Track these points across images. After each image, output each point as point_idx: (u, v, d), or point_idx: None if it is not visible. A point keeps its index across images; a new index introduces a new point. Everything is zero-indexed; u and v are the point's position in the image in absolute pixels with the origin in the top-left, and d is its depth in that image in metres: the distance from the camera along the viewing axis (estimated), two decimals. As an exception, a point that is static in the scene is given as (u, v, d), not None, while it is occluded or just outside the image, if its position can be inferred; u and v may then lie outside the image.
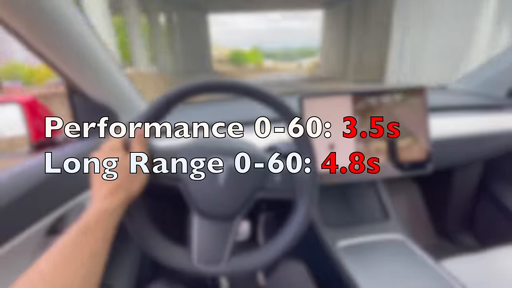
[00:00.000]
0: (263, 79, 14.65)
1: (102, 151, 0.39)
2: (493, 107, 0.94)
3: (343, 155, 0.68)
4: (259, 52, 54.80)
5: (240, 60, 39.94)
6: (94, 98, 0.66)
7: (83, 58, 0.58)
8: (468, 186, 1.08)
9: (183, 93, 0.43)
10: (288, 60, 51.23)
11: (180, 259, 0.44)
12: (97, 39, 0.63)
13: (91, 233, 0.32)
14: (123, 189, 0.38)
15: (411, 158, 0.71)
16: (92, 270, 0.32)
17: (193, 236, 0.44)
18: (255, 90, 0.43)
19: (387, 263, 0.61)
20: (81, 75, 0.60)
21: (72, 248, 0.30)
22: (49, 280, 0.27)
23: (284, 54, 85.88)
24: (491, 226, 1.06)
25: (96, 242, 0.32)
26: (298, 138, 0.45)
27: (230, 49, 49.00)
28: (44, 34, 0.49)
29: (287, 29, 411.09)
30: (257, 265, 0.44)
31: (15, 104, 0.59)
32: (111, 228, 0.36)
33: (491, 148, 0.90)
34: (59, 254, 0.30)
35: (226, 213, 0.44)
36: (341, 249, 0.66)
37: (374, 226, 0.73)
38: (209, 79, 0.43)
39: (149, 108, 0.42)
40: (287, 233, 0.45)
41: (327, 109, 0.67)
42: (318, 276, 0.61)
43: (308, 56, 52.05)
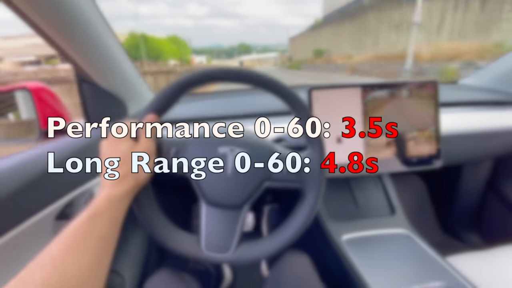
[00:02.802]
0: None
1: (110, 140, 0.40)
2: (505, 103, 0.92)
3: (350, 149, 0.67)
4: (182, 43, 43.77)
5: (152, 56, 23.60)
6: (103, 86, 0.66)
7: (94, 47, 0.59)
8: (476, 183, 1.06)
9: (191, 83, 0.42)
10: (226, 57, 47.96)
11: (189, 247, 0.44)
12: (108, 29, 0.63)
13: (100, 218, 0.33)
14: (132, 177, 0.38)
15: (420, 153, 0.70)
16: (102, 254, 0.32)
17: (202, 225, 0.45)
18: (273, 83, 0.42)
19: (392, 257, 0.61)
20: (91, 64, 0.60)
21: (82, 232, 0.31)
22: (59, 263, 0.28)
23: (220, 51, 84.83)
24: (498, 225, 1.04)
25: (105, 227, 0.33)
26: (308, 134, 0.45)
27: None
28: (57, 22, 0.49)
29: (215, 26, 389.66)
30: (264, 253, 0.44)
31: (26, 90, 0.59)
32: (120, 214, 0.36)
33: (502, 145, 0.88)
34: (69, 238, 0.30)
35: (234, 202, 0.44)
36: (346, 242, 0.66)
37: (379, 221, 0.73)
38: (221, 67, 0.42)
39: (157, 97, 0.42)
40: (294, 222, 0.45)
41: (336, 101, 0.66)
42: (322, 268, 0.61)
43: (245, 53, 50.21)
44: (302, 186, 0.45)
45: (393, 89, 0.67)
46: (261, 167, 0.45)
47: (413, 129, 0.69)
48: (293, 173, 0.45)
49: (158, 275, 0.55)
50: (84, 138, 0.59)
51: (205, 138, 0.46)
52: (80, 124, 0.68)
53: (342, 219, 0.74)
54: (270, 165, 0.45)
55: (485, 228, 1.09)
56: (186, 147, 0.45)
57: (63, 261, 0.28)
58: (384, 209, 0.77)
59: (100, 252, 0.32)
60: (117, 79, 0.69)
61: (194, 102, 0.98)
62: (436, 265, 0.58)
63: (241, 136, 0.46)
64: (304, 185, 0.45)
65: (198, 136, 0.46)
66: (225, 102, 1.02)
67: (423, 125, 0.69)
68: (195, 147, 0.45)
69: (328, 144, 0.66)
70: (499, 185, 1.03)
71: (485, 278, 0.58)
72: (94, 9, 0.57)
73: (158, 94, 0.43)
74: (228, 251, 0.44)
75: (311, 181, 0.45)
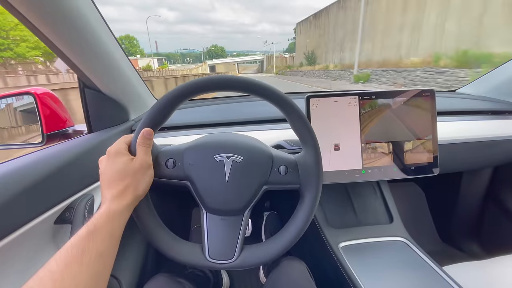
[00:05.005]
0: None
1: (108, 155, 0.41)
2: (503, 112, 0.93)
3: (348, 156, 0.68)
4: (134, 43, 36.96)
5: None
6: (105, 93, 0.67)
7: (97, 54, 0.60)
8: (475, 192, 1.06)
9: (190, 92, 0.42)
10: (194, 62, 44.46)
11: (194, 255, 0.44)
12: (110, 36, 0.64)
13: (98, 233, 0.33)
14: (130, 191, 0.39)
15: (417, 161, 0.70)
16: (100, 270, 0.32)
17: (204, 232, 0.45)
18: (261, 88, 0.43)
19: (389, 265, 0.61)
20: (94, 71, 0.62)
21: (81, 248, 0.31)
22: (58, 279, 0.28)
23: (191, 56, 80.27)
24: (497, 235, 1.04)
25: (102, 242, 0.33)
26: (302, 134, 0.45)
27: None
28: (61, 30, 0.51)
29: (187, 31, 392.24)
30: (268, 256, 0.45)
31: (31, 95, 0.60)
32: (118, 229, 0.37)
33: (500, 154, 0.88)
34: (68, 254, 0.31)
35: (235, 208, 0.45)
36: (343, 249, 0.66)
37: (377, 228, 0.73)
38: (213, 76, 0.43)
39: (152, 112, 0.43)
40: (295, 223, 0.45)
41: (334, 109, 0.67)
42: (319, 275, 0.61)
43: (219, 56, 48.35)
44: (300, 187, 0.46)
45: (390, 97, 0.68)
46: (259, 172, 0.45)
47: (411, 137, 0.70)
48: (290, 175, 0.46)
49: (155, 280, 0.55)
50: (85, 143, 0.60)
51: (201, 146, 0.47)
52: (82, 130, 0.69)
53: (339, 226, 0.74)
54: (268, 169, 0.46)
55: (484, 237, 1.09)
56: (183, 156, 0.45)
57: (62, 277, 0.28)
58: (382, 217, 0.77)
59: (98, 267, 0.32)
60: (119, 85, 0.70)
61: (191, 108, 0.99)
62: (433, 274, 0.58)
63: (237, 142, 0.47)
64: (302, 186, 0.46)
65: (194, 144, 0.47)
66: (222, 108, 1.03)
67: (421, 133, 0.70)
68: (191, 156, 0.45)
69: (325, 151, 0.67)
70: (498, 194, 1.03)
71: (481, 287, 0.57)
72: (98, 18, 0.59)
73: (152, 107, 0.43)
74: (233, 257, 0.44)
75: (308, 181, 0.45)
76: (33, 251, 0.45)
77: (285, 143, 0.70)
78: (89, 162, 0.57)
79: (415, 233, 0.72)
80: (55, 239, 0.50)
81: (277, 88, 0.44)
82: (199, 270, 0.82)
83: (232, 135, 0.51)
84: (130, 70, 0.74)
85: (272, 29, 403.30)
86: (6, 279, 0.40)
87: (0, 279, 0.40)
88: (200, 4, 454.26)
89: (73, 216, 0.50)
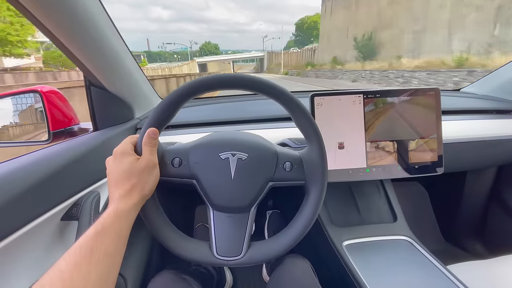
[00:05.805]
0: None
1: (114, 156, 0.41)
2: (508, 111, 0.92)
3: (352, 155, 0.68)
4: None
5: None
6: (111, 91, 0.68)
7: (103, 52, 0.60)
8: (479, 191, 1.06)
9: (193, 90, 0.42)
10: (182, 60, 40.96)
11: (201, 252, 0.45)
12: (117, 34, 0.65)
13: (106, 233, 0.34)
14: (137, 190, 0.39)
15: (421, 160, 0.70)
16: (108, 269, 0.33)
17: (211, 229, 0.45)
18: (266, 85, 0.43)
19: (393, 263, 0.61)
20: (100, 69, 0.62)
21: (88, 247, 0.32)
22: (67, 279, 0.29)
23: (183, 54, 74.81)
24: (501, 235, 1.03)
25: (111, 242, 0.34)
26: (306, 130, 0.46)
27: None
28: (68, 28, 0.51)
29: (182, 30, 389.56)
30: (274, 253, 0.45)
31: (38, 93, 0.61)
32: (125, 228, 0.37)
33: (505, 154, 0.88)
34: (77, 254, 0.31)
35: (241, 206, 0.45)
36: (347, 248, 0.66)
37: (381, 227, 0.73)
38: (217, 75, 0.43)
39: (156, 111, 0.43)
40: (301, 218, 0.46)
41: (338, 107, 0.67)
42: (322, 273, 0.61)
43: (213, 54, 45.94)
44: (305, 183, 0.46)
45: (395, 95, 0.68)
46: (264, 169, 0.45)
47: (415, 135, 0.70)
48: (295, 171, 0.46)
49: (161, 276, 0.55)
50: (91, 141, 0.61)
51: (207, 145, 0.47)
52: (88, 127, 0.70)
53: (343, 224, 0.74)
54: (273, 166, 0.46)
55: (487, 237, 1.08)
56: (188, 155, 0.46)
57: (71, 276, 0.29)
58: (386, 216, 0.77)
59: (106, 267, 0.33)
60: (124, 84, 0.71)
61: (197, 106, 0.99)
62: (437, 273, 0.58)
63: (241, 140, 0.47)
64: (308, 182, 0.46)
65: (199, 143, 0.47)
66: (227, 106, 1.03)
67: (425, 132, 0.70)
68: (197, 155, 0.46)
69: (330, 150, 0.67)
70: (502, 193, 1.03)
71: (486, 287, 0.57)
72: (104, 16, 0.59)
73: (157, 107, 0.43)
74: (240, 254, 0.44)
75: (314, 176, 0.45)
76: (41, 246, 0.46)
77: (289, 141, 0.70)
78: (94, 160, 0.57)
79: (419, 233, 0.72)
80: (62, 235, 0.51)
81: (281, 86, 0.44)
82: (203, 267, 0.82)
83: (236, 133, 0.51)
84: (135, 68, 0.75)
85: (268, 28, 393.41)
86: (15, 274, 0.41)
87: (11, 273, 0.40)
88: (194, 3, 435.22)
89: (80, 213, 0.51)
